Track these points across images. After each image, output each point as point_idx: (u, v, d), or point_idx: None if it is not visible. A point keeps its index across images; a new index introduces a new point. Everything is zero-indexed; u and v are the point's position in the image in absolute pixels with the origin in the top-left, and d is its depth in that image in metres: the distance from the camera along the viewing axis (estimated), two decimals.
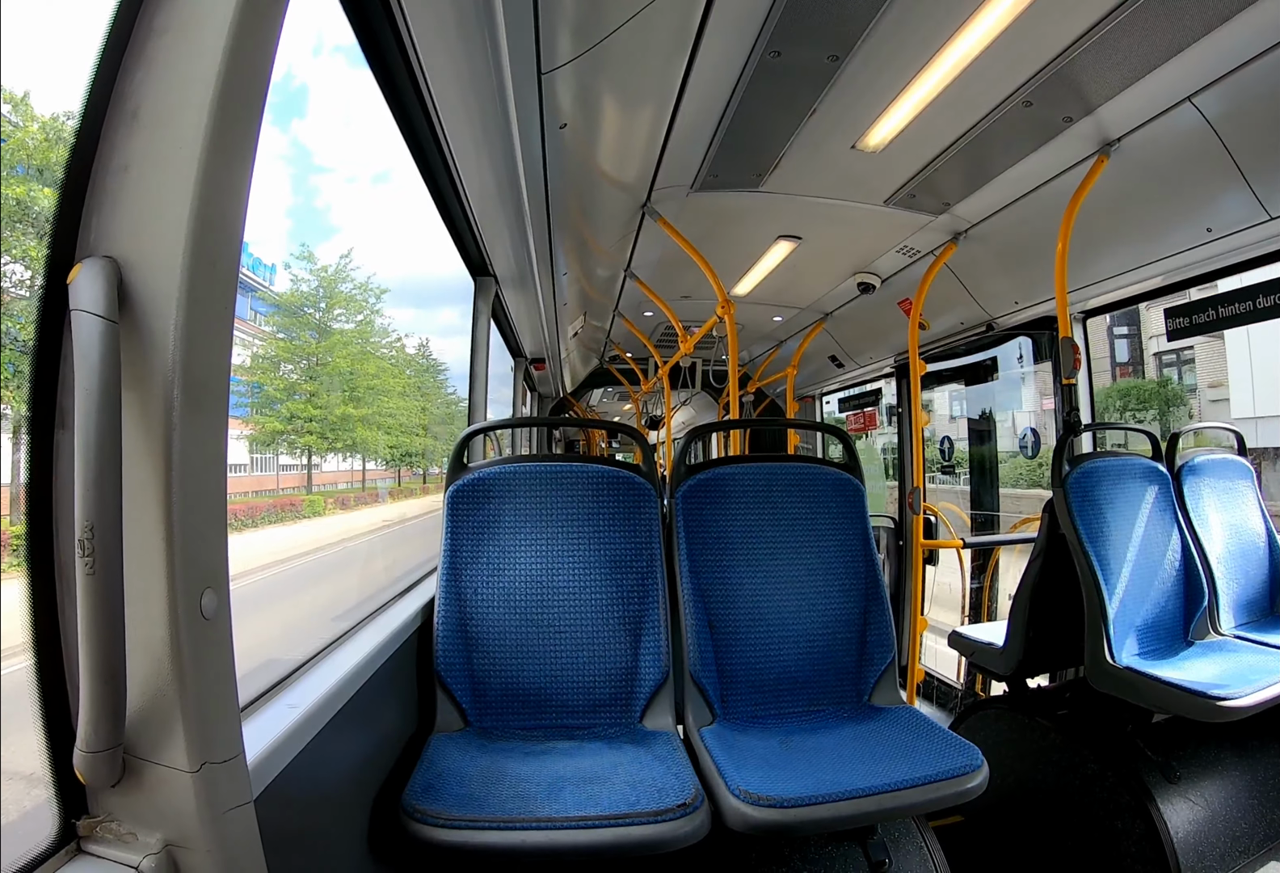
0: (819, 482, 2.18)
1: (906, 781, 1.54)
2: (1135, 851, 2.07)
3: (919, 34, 2.01)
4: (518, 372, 5.85)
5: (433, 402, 5.89)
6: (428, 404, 5.76)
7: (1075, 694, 2.56)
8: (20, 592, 0.85)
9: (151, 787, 0.86)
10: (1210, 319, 3.04)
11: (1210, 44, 1.99)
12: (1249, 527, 2.76)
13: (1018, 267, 3.49)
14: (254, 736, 1.07)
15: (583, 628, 1.97)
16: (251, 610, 2.16)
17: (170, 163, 0.83)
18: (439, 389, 5.95)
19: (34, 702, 0.86)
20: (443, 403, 5.97)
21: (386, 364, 5.05)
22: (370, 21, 1.62)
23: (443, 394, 5.97)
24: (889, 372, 5.29)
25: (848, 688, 2.06)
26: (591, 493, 2.07)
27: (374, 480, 5.03)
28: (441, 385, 5.94)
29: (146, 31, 0.86)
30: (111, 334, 0.78)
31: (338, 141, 3.75)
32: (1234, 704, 1.94)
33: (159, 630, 0.83)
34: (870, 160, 2.78)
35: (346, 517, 4.52)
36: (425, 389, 5.77)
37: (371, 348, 4.76)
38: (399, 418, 5.02)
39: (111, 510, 0.77)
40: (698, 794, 1.47)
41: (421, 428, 5.49)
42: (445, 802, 1.42)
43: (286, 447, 4.11)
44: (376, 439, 4.78)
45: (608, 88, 2.13)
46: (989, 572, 4.57)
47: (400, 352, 5.21)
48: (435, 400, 5.92)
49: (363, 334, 4.64)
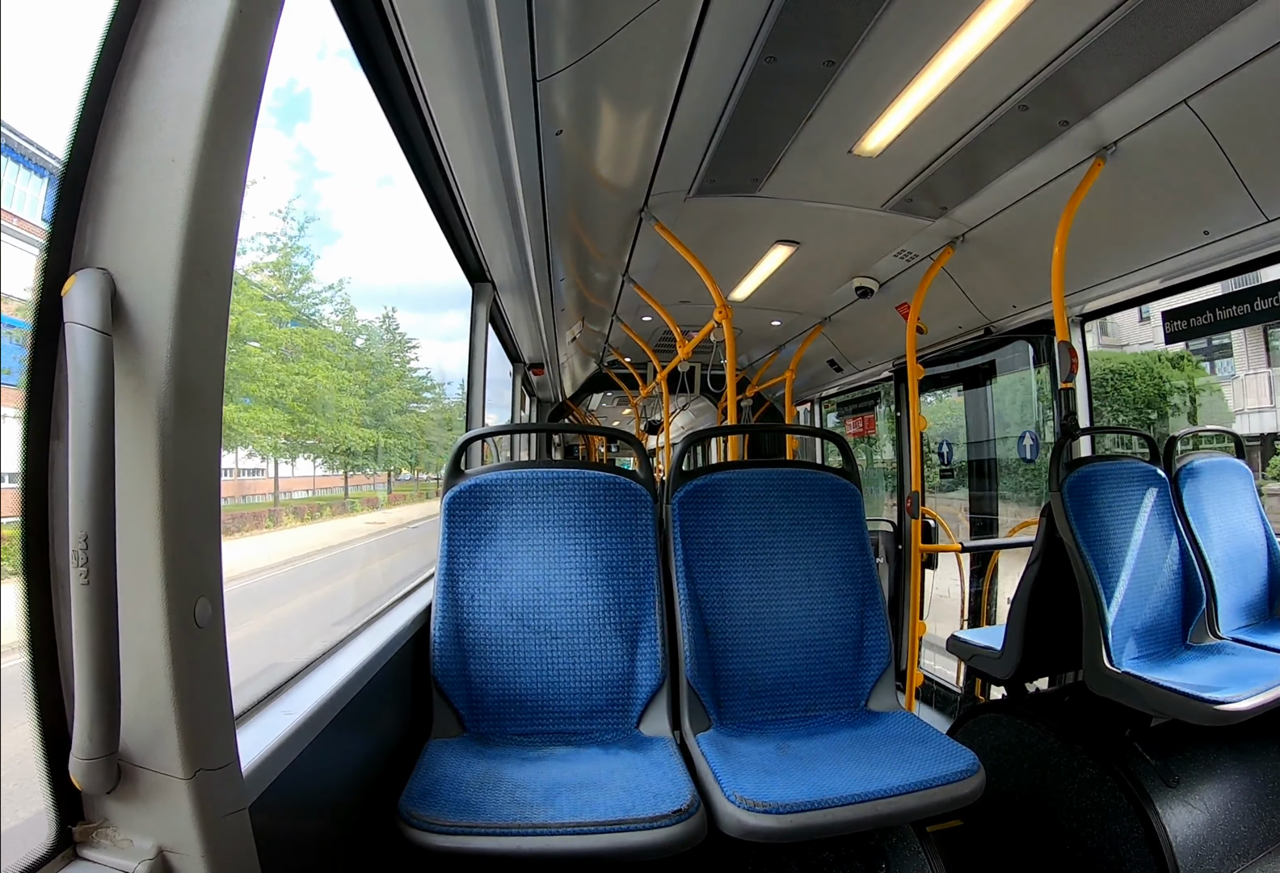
0: (816, 487, 2.18)
1: (903, 786, 1.53)
2: (1134, 855, 2.07)
3: (915, 39, 2.02)
4: (516, 377, 5.86)
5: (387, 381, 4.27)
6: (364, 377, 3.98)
7: (1074, 698, 2.56)
8: (17, 601, 0.86)
9: (147, 793, 0.87)
10: (1208, 322, 3.05)
11: (1206, 47, 2.00)
12: (1247, 530, 2.76)
13: (1015, 270, 3.49)
14: (249, 742, 1.08)
15: (579, 634, 1.97)
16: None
17: (164, 174, 0.84)
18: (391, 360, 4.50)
19: (30, 709, 0.87)
20: (410, 386, 4.55)
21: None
22: (365, 31, 1.63)
23: (397, 369, 4.43)
24: (887, 376, 5.30)
25: (844, 693, 2.06)
26: (588, 499, 2.07)
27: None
28: (405, 362, 4.60)
29: (140, 43, 0.87)
30: (105, 346, 0.78)
31: (334, 150, 3.69)
32: (1232, 708, 1.94)
33: (154, 639, 0.83)
34: (867, 165, 2.79)
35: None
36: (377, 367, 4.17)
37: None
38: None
39: (106, 521, 0.77)
40: (694, 800, 1.47)
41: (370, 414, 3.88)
42: (441, 808, 1.42)
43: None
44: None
45: (604, 94, 2.14)
46: (988, 575, 4.57)
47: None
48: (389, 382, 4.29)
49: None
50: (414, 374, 4.70)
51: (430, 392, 4.95)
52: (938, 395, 5.93)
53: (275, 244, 2.94)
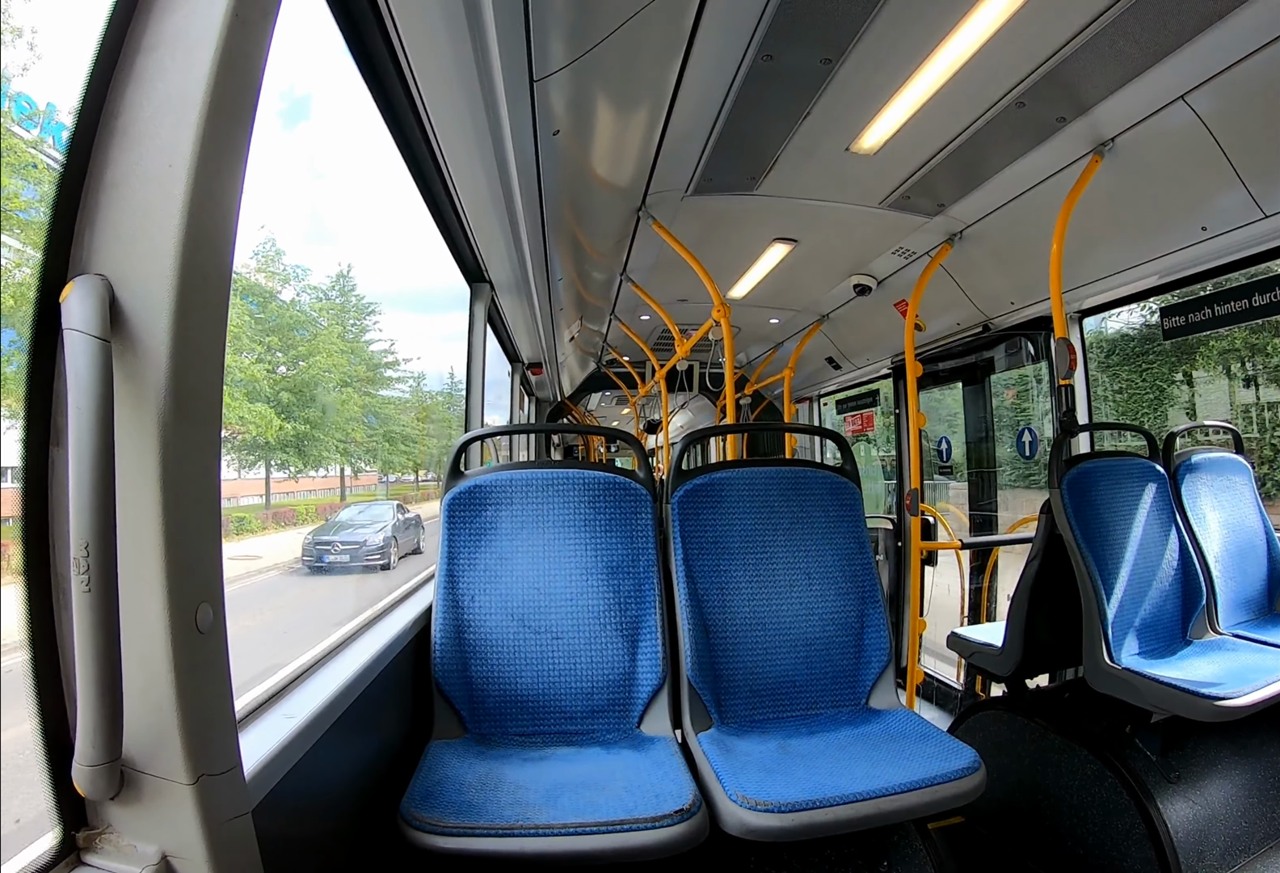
0: (815, 486, 2.18)
1: (904, 784, 1.54)
2: (1135, 851, 2.07)
3: (911, 36, 2.02)
4: (515, 376, 5.85)
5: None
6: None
7: (1074, 695, 2.56)
8: (18, 608, 0.85)
9: (150, 799, 0.87)
10: (1206, 318, 3.05)
11: (1202, 43, 2.00)
12: (1247, 525, 2.76)
13: (1013, 267, 3.49)
14: (251, 746, 1.08)
15: (580, 634, 1.97)
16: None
17: (160, 179, 0.83)
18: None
19: (33, 716, 0.87)
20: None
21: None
22: (361, 32, 1.62)
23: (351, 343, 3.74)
24: (886, 373, 5.29)
25: (845, 691, 2.06)
26: (588, 499, 2.07)
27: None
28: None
29: (135, 48, 0.87)
30: (104, 352, 0.78)
31: (331, 151, 3.61)
32: (1233, 703, 1.94)
33: (155, 645, 0.83)
34: (865, 162, 2.79)
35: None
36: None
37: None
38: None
39: (106, 528, 0.77)
40: (695, 800, 1.47)
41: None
42: (443, 809, 1.42)
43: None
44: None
45: (601, 94, 2.13)
46: (988, 572, 4.57)
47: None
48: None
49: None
50: (374, 349, 3.79)
51: (394, 370, 4.18)
52: (944, 390, 5.88)
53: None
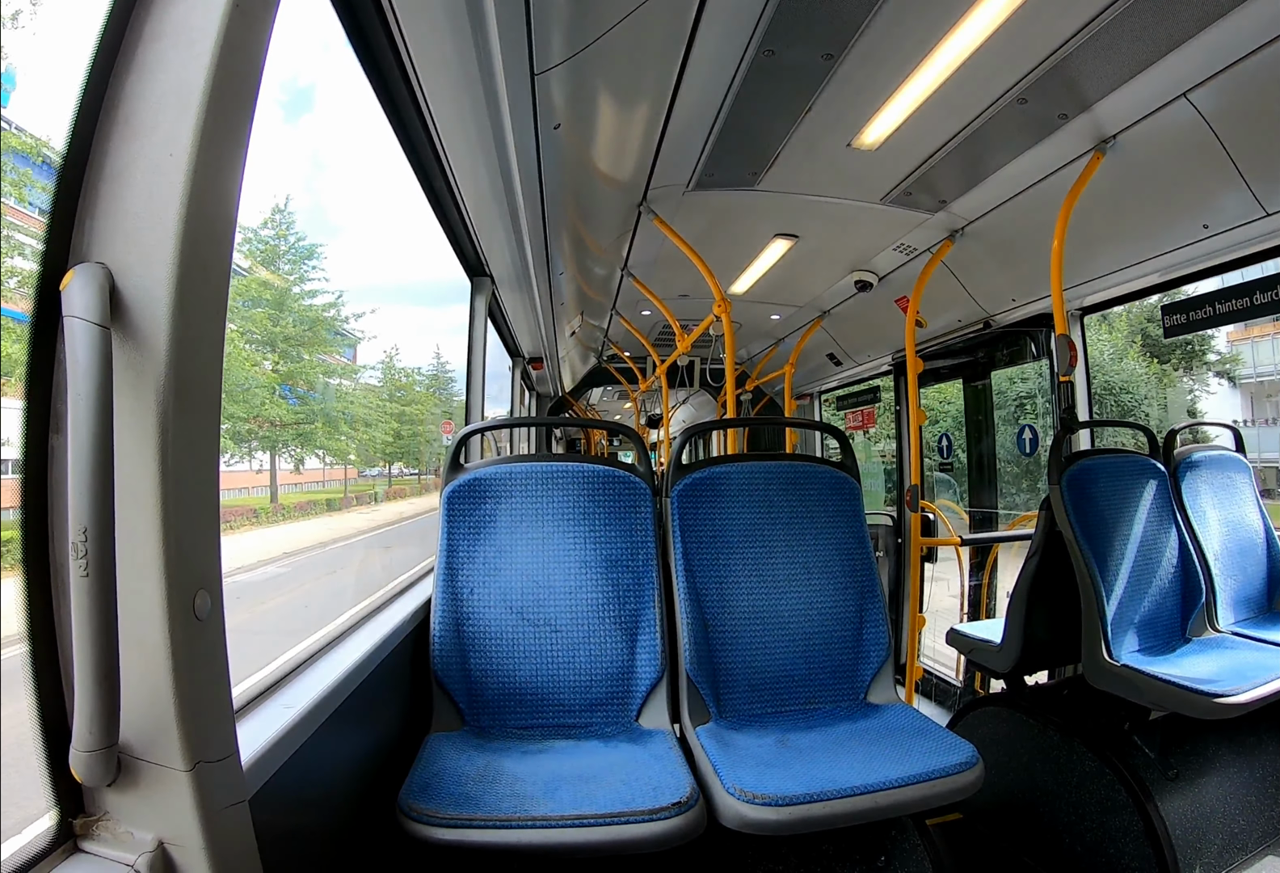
0: (815, 480, 2.18)
1: (902, 778, 1.54)
2: (1133, 848, 2.07)
3: (913, 32, 2.01)
4: (515, 371, 5.86)
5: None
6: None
7: (1073, 691, 2.56)
8: (16, 594, 0.86)
9: (147, 786, 0.87)
10: (1207, 316, 3.04)
11: (1205, 40, 1.99)
12: (1246, 523, 2.76)
13: (1015, 264, 3.49)
14: (249, 735, 1.08)
15: (579, 627, 1.98)
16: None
17: (161, 169, 0.84)
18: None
19: (31, 703, 0.87)
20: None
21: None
22: (362, 25, 1.62)
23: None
24: (887, 369, 5.29)
25: (844, 686, 2.07)
26: (587, 492, 2.07)
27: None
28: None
29: (137, 38, 0.87)
30: (104, 340, 0.78)
31: (332, 144, 3.64)
32: (1231, 701, 1.94)
33: (153, 632, 0.84)
34: (866, 158, 2.78)
35: None
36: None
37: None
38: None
39: (105, 514, 0.78)
40: (693, 793, 1.47)
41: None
42: (441, 801, 1.43)
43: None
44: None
45: (602, 88, 2.13)
46: (987, 569, 4.57)
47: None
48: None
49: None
50: (316, 302, 3.37)
51: (340, 330, 3.85)
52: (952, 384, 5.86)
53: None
